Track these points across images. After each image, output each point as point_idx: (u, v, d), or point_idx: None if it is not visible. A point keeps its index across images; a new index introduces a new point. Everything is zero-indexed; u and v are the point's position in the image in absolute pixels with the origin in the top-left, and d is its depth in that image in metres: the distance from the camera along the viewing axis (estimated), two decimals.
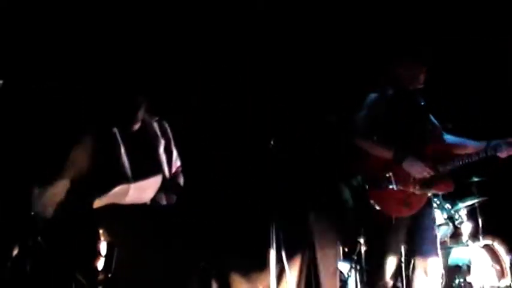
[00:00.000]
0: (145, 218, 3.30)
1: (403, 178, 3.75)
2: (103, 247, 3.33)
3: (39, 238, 3.35)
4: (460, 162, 3.79)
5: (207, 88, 4.36)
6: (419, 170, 3.74)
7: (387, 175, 3.75)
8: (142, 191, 3.27)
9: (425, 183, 3.79)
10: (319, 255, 3.93)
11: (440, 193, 3.99)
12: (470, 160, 3.78)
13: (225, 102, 4.38)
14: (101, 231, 3.34)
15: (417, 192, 3.76)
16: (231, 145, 4.14)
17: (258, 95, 4.60)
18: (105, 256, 3.30)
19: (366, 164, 3.85)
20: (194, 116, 4.07)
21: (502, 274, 5.04)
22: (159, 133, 3.51)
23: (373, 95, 3.97)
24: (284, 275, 3.61)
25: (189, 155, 3.60)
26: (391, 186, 3.73)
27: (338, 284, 4.33)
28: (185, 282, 3.34)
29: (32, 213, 3.31)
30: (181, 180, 3.51)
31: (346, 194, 5.19)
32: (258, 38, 4.84)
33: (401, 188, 3.74)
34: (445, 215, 5.21)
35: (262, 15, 4.86)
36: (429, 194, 3.87)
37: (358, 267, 4.81)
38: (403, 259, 4.77)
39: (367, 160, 3.84)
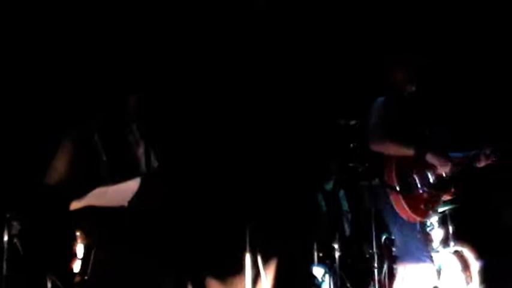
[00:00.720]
0: (122, 220, 3.31)
1: (423, 181, 3.82)
2: (80, 249, 3.33)
3: (15, 240, 3.34)
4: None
5: (187, 94, 4.38)
6: (442, 161, 3.80)
7: (414, 176, 3.79)
8: (120, 193, 3.29)
9: (439, 187, 3.87)
10: (294, 259, 3.97)
11: (447, 198, 4.04)
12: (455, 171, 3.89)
13: (203, 106, 4.41)
14: (78, 233, 3.35)
15: (434, 195, 3.83)
16: (208, 148, 4.17)
17: (239, 99, 4.63)
18: (82, 258, 3.31)
19: (385, 168, 3.87)
20: (171, 122, 4.09)
21: (470, 279, 5.15)
22: (139, 135, 3.53)
23: (380, 99, 4.02)
24: (259, 280, 3.65)
25: (167, 158, 3.63)
26: (419, 190, 3.78)
27: None
28: (161, 286, 3.36)
29: (8, 216, 3.30)
30: (159, 184, 3.53)
31: (320, 199, 5.28)
32: (252, 39, 4.88)
33: (426, 190, 3.80)
34: None
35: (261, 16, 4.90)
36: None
37: (332, 271, 4.88)
38: (375, 264, 4.88)
39: (387, 164, 3.86)
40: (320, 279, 4.90)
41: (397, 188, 3.75)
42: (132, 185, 3.31)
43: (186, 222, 3.51)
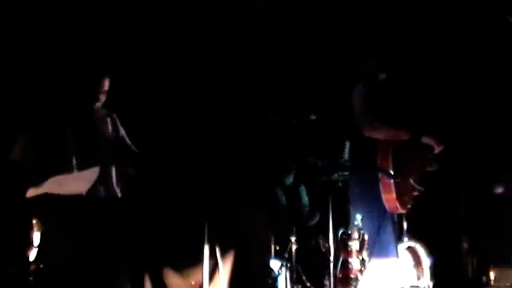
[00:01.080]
0: (80, 209, 3.29)
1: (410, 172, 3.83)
2: (36, 237, 3.29)
3: None
4: None
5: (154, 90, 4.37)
6: (438, 142, 3.84)
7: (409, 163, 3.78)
8: (78, 182, 3.26)
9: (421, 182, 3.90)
10: (252, 251, 3.99)
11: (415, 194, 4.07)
12: None
13: (164, 102, 4.40)
14: (34, 221, 3.30)
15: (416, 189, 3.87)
16: (168, 142, 4.16)
17: (195, 94, 4.63)
18: (38, 246, 3.27)
19: (379, 153, 3.84)
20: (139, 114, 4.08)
21: (421, 275, 5.26)
22: (110, 127, 3.55)
23: (360, 86, 4.01)
24: (217, 271, 3.66)
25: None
26: (410, 181, 3.80)
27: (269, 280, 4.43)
28: (117, 276, 3.35)
29: None
30: (128, 173, 3.53)
31: (279, 192, 5.32)
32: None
33: (413, 183, 3.85)
34: None
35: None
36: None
37: (288, 265, 4.93)
38: (331, 258, 4.95)
39: (382, 149, 3.83)
40: (277, 272, 4.94)
41: (391, 173, 3.74)
42: (91, 174, 3.29)
43: (145, 212, 3.50)
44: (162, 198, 3.63)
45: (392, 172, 3.68)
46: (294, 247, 5.02)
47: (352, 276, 4.98)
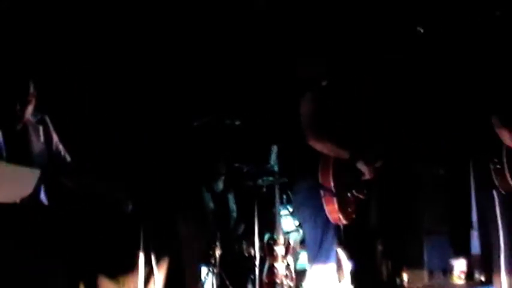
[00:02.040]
0: (12, 216, 3.12)
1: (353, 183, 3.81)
2: None
3: None
4: None
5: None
6: (369, 170, 3.81)
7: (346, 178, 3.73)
8: (12, 189, 3.10)
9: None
10: (185, 257, 3.94)
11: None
12: None
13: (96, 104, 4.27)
14: None
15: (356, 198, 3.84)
16: (102, 146, 4.04)
17: (126, 98, 4.53)
18: None
19: (320, 168, 3.76)
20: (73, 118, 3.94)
21: (342, 277, 5.39)
22: (42, 136, 3.39)
23: (308, 94, 3.93)
24: (152, 277, 3.57)
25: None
26: (349, 193, 3.75)
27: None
28: (51, 284, 3.20)
29: None
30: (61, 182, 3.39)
31: (207, 198, 5.29)
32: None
33: (355, 194, 3.80)
34: (296, 222, 5.48)
35: None
36: None
37: (214, 271, 4.91)
38: (257, 263, 4.98)
39: (324, 164, 3.76)
40: (203, 278, 4.91)
41: (333, 191, 3.69)
42: (27, 181, 3.14)
43: (79, 221, 3.37)
44: (96, 206, 3.51)
45: (333, 189, 3.69)
46: (218, 252, 5.02)
47: (278, 280, 5.06)
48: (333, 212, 3.70)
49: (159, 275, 3.62)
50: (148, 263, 3.54)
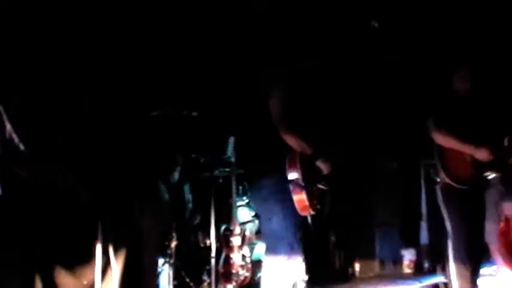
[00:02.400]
0: None
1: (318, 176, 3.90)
2: None
3: None
4: None
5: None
6: (327, 167, 3.91)
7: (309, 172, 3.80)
8: None
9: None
10: (142, 248, 3.92)
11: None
12: None
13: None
14: None
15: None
16: (58, 135, 3.96)
17: (81, 88, 4.45)
18: None
19: (288, 162, 3.84)
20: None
21: (296, 267, 5.46)
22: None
23: (278, 88, 3.99)
24: (109, 268, 3.55)
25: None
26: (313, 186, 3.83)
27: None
28: (6, 276, 3.15)
29: None
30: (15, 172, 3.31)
31: (163, 189, 5.26)
32: None
33: (319, 186, 3.90)
34: (252, 213, 5.52)
35: None
36: None
37: (170, 261, 4.90)
38: (213, 254, 5.00)
39: (291, 158, 3.84)
40: (159, 269, 4.90)
41: (302, 184, 3.76)
42: None
43: (35, 212, 3.31)
44: (51, 196, 3.45)
45: (302, 182, 3.75)
46: (173, 243, 5.02)
47: (234, 271, 5.09)
48: (302, 204, 3.80)
49: (117, 266, 3.60)
50: (105, 254, 3.51)
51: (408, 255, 6.75)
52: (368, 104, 6.26)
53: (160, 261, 4.90)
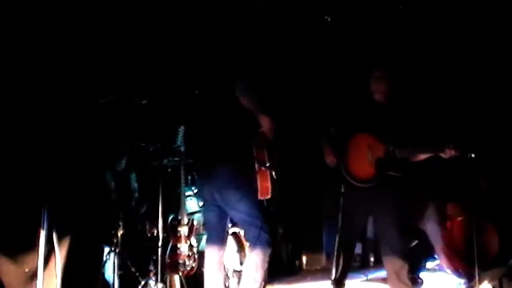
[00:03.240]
0: None
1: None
2: None
3: None
4: None
5: None
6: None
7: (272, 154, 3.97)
8: None
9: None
10: (86, 236, 3.85)
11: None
12: None
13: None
14: None
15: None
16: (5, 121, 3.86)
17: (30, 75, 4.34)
18: None
19: (255, 143, 4.00)
20: None
21: (244, 259, 5.47)
22: None
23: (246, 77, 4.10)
24: (53, 257, 3.47)
25: None
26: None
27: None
28: None
29: None
30: None
31: (108, 177, 5.18)
32: None
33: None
34: (200, 203, 5.47)
35: None
36: None
37: (116, 250, 4.83)
38: (160, 243, 4.94)
39: (258, 140, 4.00)
40: (105, 258, 4.82)
41: (267, 164, 3.89)
42: None
43: None
44: None
45: (268, 163, 3.89)
46: (120, 232, 4.94)
47: (181, 261, 5.05)
48: (265, 186, 3.86)
49: (60, 254, 3.53)
50: (49, 242, 3.43)
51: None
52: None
53: (106, 250, 4.82)
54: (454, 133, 4.87)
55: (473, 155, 4.27)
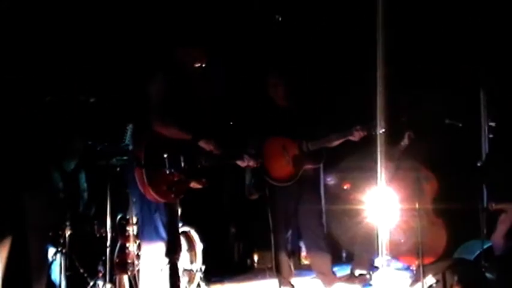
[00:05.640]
0: None
1: (173, 163, 3.97)
2: None
3: None
4: None
5: None
6: (214, 146, 4.09)
7: (164, 156, 3.91)
8: None
9: (191, 174, 4.06)
10: (29, 237, 3.77)
11: (197, 187, 4.22)
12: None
13: None
14: None
15: (182, 180, 4.01)
16: None
17: None
18: None
19: (138, 142, 4.09)
20: None
21: (194, 259, 5.45)
22: None
23: (159, 75, 4.11)
24: None
25: None
26: (166, 170, 3.91)
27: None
28: None
29: None
30: None
31: (56, 177, 5.09)
32: None
33: (174, 172, 3.96)
34: None
35: None
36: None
37: (63, 251, 4.75)
38: (108, 243, 4.87)
39: (141, 138, 4.05)
40: (51, 259, 4.73)
41: (142, 162, 3.87)
42: None
43: None
44: None
45: (143, 162, 3.89)
46: (67, 233, 4.86)
47: (129, 261, 4.99)
48: (143, 185, 3.88)
49: (1, 255, 3.45)
50: None
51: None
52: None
53: (53, 250, 4.74)
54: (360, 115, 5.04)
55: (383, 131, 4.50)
